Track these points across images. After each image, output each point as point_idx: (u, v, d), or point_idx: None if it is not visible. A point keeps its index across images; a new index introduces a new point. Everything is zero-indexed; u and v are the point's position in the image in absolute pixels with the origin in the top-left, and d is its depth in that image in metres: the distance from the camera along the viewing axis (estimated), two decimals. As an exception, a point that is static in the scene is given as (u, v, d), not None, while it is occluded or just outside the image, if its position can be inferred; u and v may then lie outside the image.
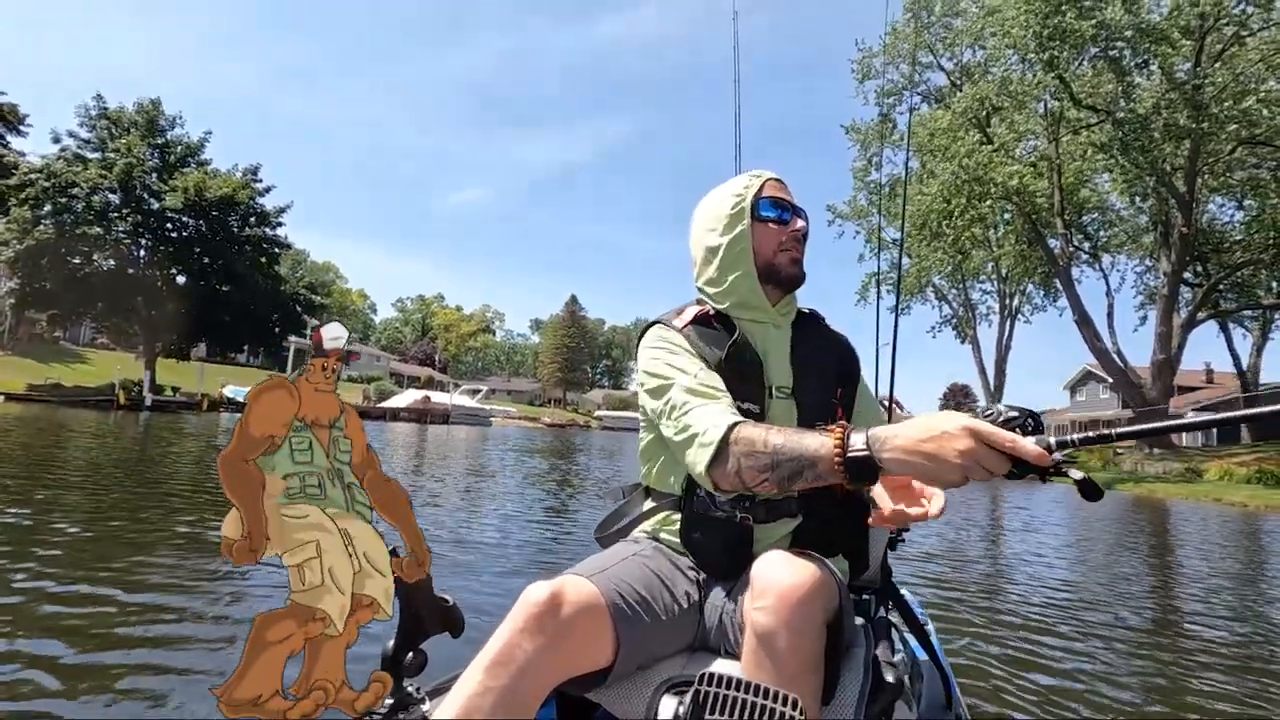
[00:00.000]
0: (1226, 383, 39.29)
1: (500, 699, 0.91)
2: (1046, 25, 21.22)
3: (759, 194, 1.39)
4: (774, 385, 1.32)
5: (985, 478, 0.85)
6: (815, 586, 0.97)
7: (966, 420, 0.86)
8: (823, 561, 1.07)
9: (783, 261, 1.38)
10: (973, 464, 0.84)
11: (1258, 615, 4.90)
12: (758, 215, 1.38)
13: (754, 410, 1.27)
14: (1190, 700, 3.03)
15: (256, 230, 32.94)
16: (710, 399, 1.18)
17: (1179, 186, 23.99)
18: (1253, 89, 20.72)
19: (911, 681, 1.60)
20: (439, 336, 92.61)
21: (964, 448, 0.84)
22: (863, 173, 32.67)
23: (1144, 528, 11.14)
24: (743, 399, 1.26)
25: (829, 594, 1.01)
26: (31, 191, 27.59)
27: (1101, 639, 3.94)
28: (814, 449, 0.98)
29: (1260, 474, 19.56)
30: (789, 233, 1.38)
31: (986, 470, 0.84)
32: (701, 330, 1.35)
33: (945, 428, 0.86)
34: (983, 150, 24.09)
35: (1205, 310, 27.90)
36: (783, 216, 1.38)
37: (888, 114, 29.01)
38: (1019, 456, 0.83)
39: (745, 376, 1.29)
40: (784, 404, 1.31)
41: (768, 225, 1.38)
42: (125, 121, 30.99)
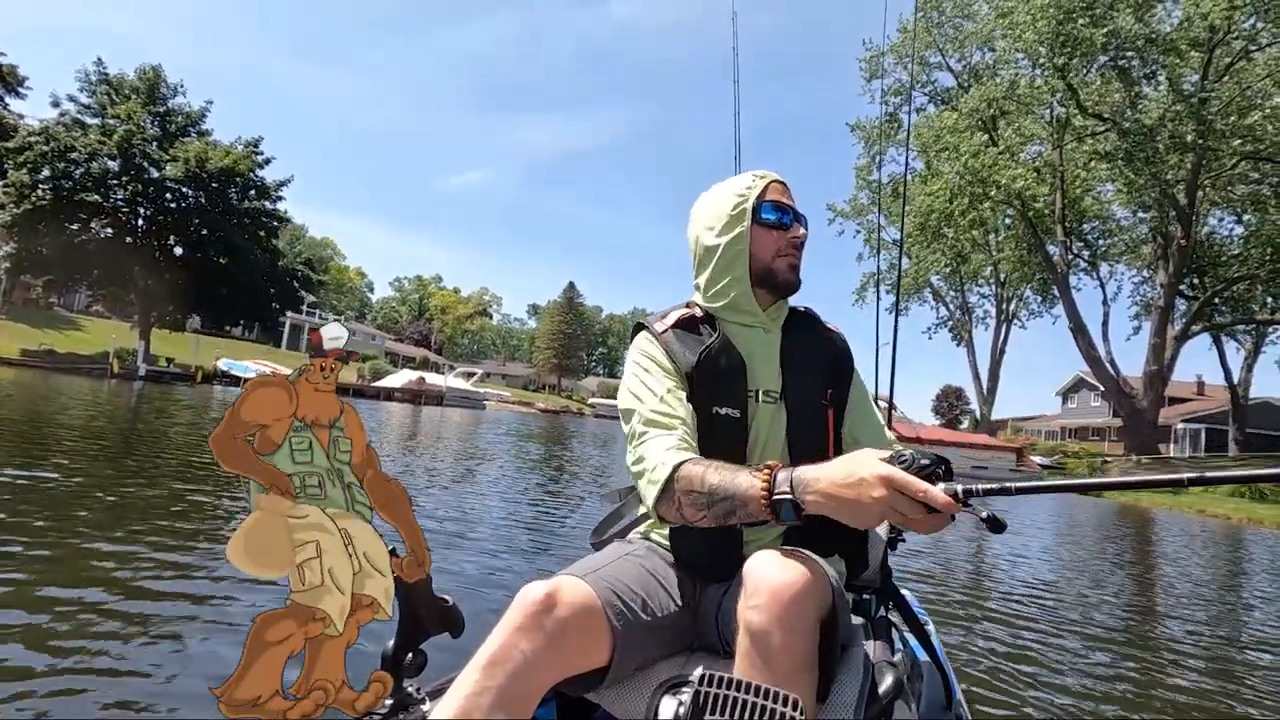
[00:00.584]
0: (1217, 395, 39.55)
1: (497, 698, 0.91)
2: (1059, 32, 21.17)
3: (761, 196, 1.36)
4: (761, 390, 1.31)
5: (900, 521, 0.91)
6: (807, 584, 0.97)
7: (883, 470, 0.91)
8: (815, 560, 1.07)
9: (781, 267, 1.36)
10: (888, 509, 0.90)
11: (1240, 622, 5.02)
12: (759, 218, 1.35)
13: (734, 415, 1.26)
14: (1184, 701, 3.11)
15: (256, 203, 32.70)
16: (666, 429, 1.19)
17: (1180, 199, 24.03)
18: (1258, 104, 20.74)
19: (911, 681, 1.60)
20: (435, 318, 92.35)
21: (879, 495, 0.90)
22: (866, 170, 32.66)
23: (1126, 535, 11.25)
24: (723, 404, 1.27)
25: (821, 592, 1.01)
26: (30, 155, 27.30)
27: (1101, 639, 4.02)
28: (744, 489, 1.02)
29: (1245, 487, 19.72)
30: (789, 239, 1.36)
31: (900, 514, 0.90)
32: (683, 334, 1.34)
33: (863, 475, 0.92)
34: (988, 152, 24.08)
35: (1200, 323, 28.04)
36: (784, 221, 1.36)
37: (894, 113, 28.92)
38: (929, 504, 0.89)
39: (725, 380, 1.29)
40: (771, 408, 1.30)
41: (768, 230, 1.35)
42: (126, 88, 30.65)
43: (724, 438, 1.25)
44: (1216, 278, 27.20)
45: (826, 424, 1.32)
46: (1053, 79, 22.81)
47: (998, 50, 25.40)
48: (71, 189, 27.81)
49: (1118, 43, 21.13)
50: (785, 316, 1.42)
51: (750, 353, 1.34)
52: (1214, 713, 2.99)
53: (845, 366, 1.41)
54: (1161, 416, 32.88)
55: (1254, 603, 6.23)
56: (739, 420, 1.27)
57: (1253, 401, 36.00)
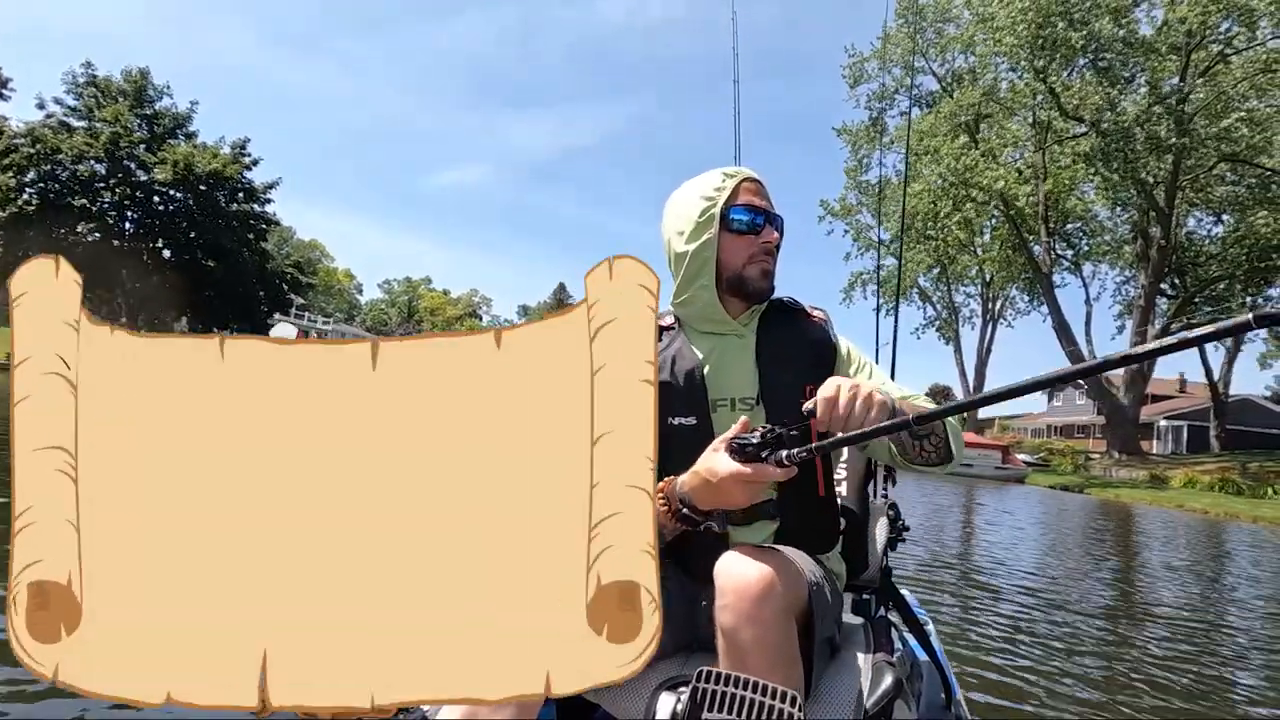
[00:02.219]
0: (1199, 393, 40.17)
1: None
2: (1038, 36, 21.55)
3: (732, 199, 1.30)
4: (735, 397, 1.28)
5: (760, 494, 1.03)
6: (775, 581, 0.98)
7: (725, 470, 0.99)
8: (788, 556, 1.07)
9: (752, 275, 1.32)
10: (744, 493, 1.00)
11: (1236, 619, 5.10)
12: (728, 224, 1.29)
13: (687, 424, 1.24)
14: (1185, 701, 3.16)
15: (244, 206, 32.70)
16: None
17: (1159, 200, 24.48)
18: (1235, 107, 21.18)
19: (911, 681, 1.60)
20: (425, 319, 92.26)
21: (733, 489, 1.00)
22: (855, 172, 33.02)
23: (1115, 533, 11.49)
24: (678, 414, 1.24)
25: (790, 586, 1.01)
26: (15, 158, 27.18)
27: (1101, 639, 4.08)
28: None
29: (1223, 483, 20.16)
30: (761, 244, 1.31)
31: (757, 490, 1.01)
32: None
33: (714, 480, 1.01)
34: (970, 154, 24.44)
35: (1180, 321, 28.55)
36: (756, 224, 1.30)
37: (878, 118, 29.29)
38: (773, 478, 0.99)
39: (679, 389, 1.27)
40: (746, 415, 1.23)
41: (739, 235, 1.30)
42: (113, 90, 30.54)
43: (684, 448, 1.20)
44: (1196, 278, 27.70)
45: (809, 423, 1.30)
46: (1033, 82, 23.19)
47: (978, 55, 25.79)
48: (58, 192, 27.71)
49: (1097, 44, 21.53)
50: (762, 313, 1.38)
51: (718, 360, 1.31)
52: (1214, 712, 3.01)
53: (827, 354, 1.34)
54: (1144, 414, 33.48)
55: (1250, 601, 6.24)
56: (697, 429, 1.23)
57: (1232, 399, 36.72)
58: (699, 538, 1.18)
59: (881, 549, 1.61)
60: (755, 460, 0.97)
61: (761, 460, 0.97)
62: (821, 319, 1.40)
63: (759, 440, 0.97)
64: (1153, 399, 42.12)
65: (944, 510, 11.88)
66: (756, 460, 0.97)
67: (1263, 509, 16.78)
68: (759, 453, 0.97)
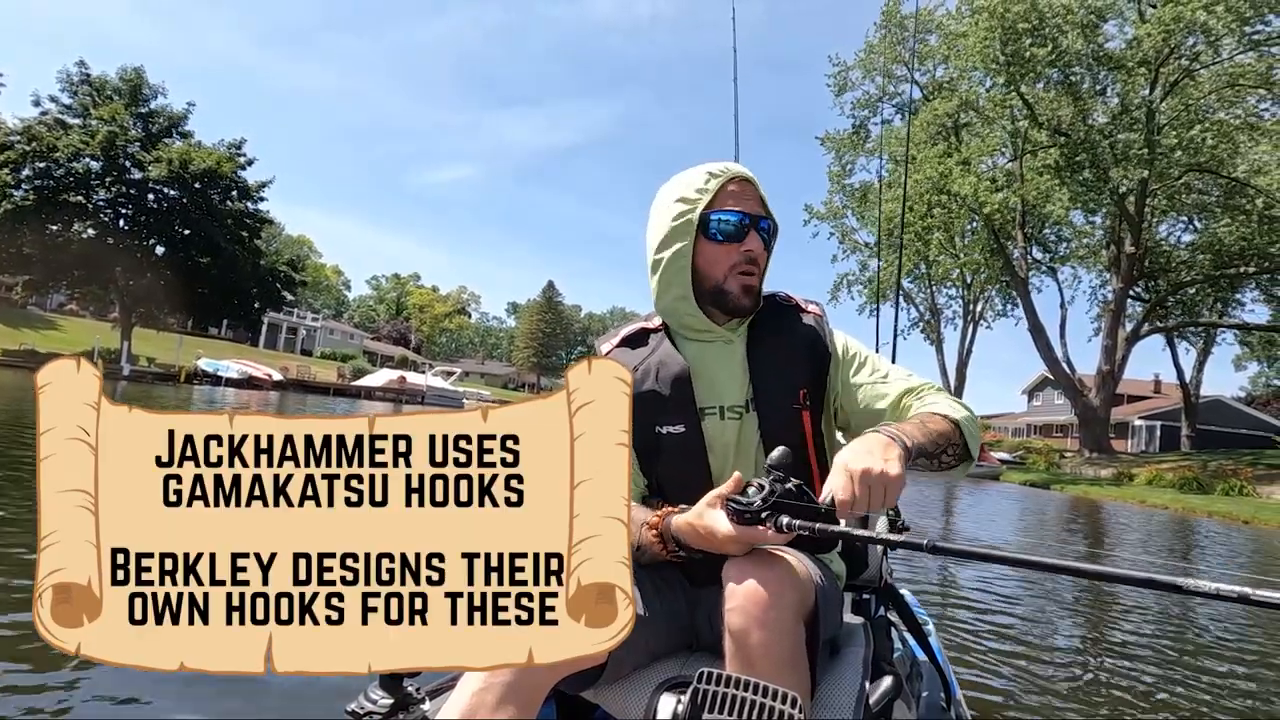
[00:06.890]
0: (1172, 393, 41.28)
1: (503, 694, 0.94)
2: (1004, 53, 22.28)
3: (713, 203, 1.21)
4: (725, 405, 1.23)
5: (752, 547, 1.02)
6: (784, 585, 0.98)
7: (723, 533, 0.97)
8: (796, 560, 1.07)
9: (733, 288, 1.23)
10: (740, 550, 1.01)
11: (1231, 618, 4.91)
12: (707, 232, 1.22)
13: (676, 432, 1.21)
14: (1185, 701, 3.15)
15: (238, 204, 33.08)
16: None
17: (1129, 208, 25.34)
18: (1200, 119, 22.02)
19: (911, 681, 1.61)
20: (413, 316, 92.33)
21: (729, 547, 1.00)
22: (839, 176, 33.78)
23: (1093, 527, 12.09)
24: (665, 422, 1.21)
25: (799, 590, 1.01)
26: (11, 155, 27.45)
27: (1101, 639, 4.18)
28: (645, 542, 1.10)
29: (1184, 480, 21.07)
30: (743, 252, 1.22)
31: (751, 544, 1.01)
32: (628, 352, 1.29)
33: (711, 539, 1.00)
34: (946, 162, 25.21)
35: (1151, 324, 29.50)
36: (738, 230, 1.21)
37: (861, 124, 30.06)
38: (771, 542, 0.99)
39: (665, 397, 1.22)
40: (737, 423, 1.23)
41: (719, 244, 1.22)
42: (109, 89, 30.85)
43: (674, 456, 1.21)
44: (1168, 282, 28.62)
45: (802, 429, 1.23)
46: (1008, 95, 23.97)
47: (953, 67, 26.62)
48: (54, 189, 28.01)
49: (1065, 59, 22.31)
50: (748, 324, 1.31)
51: (706, 368, 1.25)
52: (1214, 712, 3.01)
53: (821, 356, 1.28)
54: (1119, 413, 34.48)
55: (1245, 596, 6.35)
56: (685, 437, 1.21)
57: (1204, 400, 37.93)
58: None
59: (881, 549, 1.60)
60: (755, 524, 0.95)
61: (761, 523, 0.94)
62: (816, 314, 1.33)
63: (759, 504, 0.94)
64: (1129, 399, 43.26)
65: (965, 504, 12.40)
66: (756, 523, 0.94)
67: (1218, 505, 17.64)
68: (759, 515, 0.94)
